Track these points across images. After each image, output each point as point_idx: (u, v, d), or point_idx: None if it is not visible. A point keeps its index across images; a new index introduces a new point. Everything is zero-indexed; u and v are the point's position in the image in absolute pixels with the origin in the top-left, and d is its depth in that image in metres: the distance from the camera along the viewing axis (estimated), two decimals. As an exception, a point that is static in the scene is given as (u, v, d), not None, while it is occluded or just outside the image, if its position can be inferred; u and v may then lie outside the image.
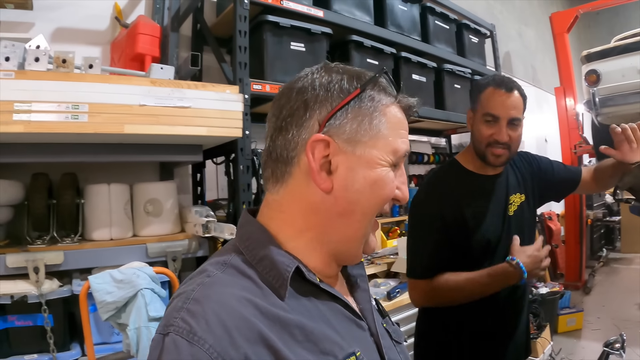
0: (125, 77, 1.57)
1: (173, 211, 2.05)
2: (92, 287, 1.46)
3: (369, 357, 0.64)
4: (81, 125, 1.45)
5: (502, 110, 1.44)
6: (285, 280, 0.60)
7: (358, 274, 0.78)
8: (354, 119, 0.64)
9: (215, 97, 1.67)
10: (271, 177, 0.68)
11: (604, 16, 7.55)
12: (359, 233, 0.67)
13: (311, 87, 0.65)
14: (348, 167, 0.64)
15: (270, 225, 0.67)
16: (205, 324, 0.52)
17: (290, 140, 0.65)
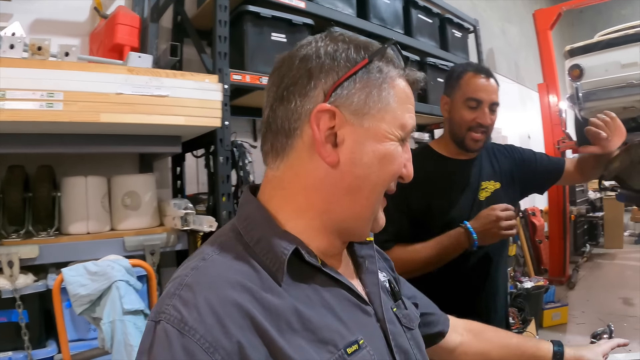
0: (102, 65, 1.54)
1: (151, 204, 2.01)
2: (66, 279, 1.42)
3: (373, 345, 0.61)
4: (56, 114, 1.42)
5: (485, 94, 1.47)
6: (282, 264, 0.57)
7: (367, 255, 0.74)
8: (362, 89, 0.61)
9: (193, 86, 1.65)
10: (270, 151, 0.65)
11: (587, 14, 7.66)
12: (366, 210, 0.64)
13: (316, 55, 0.62)
14: (355, 139, 0.60)
15: (271, 204, 0.64)
16: (197, 312, 0.50)
17: (293, 110, 0.61)
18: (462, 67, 1.58)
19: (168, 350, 0.49)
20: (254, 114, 2.62)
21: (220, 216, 1.78)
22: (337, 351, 0.56)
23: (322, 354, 0.55)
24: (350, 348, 0.57)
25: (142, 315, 1.38)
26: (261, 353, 0.51)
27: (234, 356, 0.49)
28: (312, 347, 0.54)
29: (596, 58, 3.59)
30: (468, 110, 1.49)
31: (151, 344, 0.51)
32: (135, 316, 1.34)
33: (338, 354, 0.56)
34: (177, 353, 0.49)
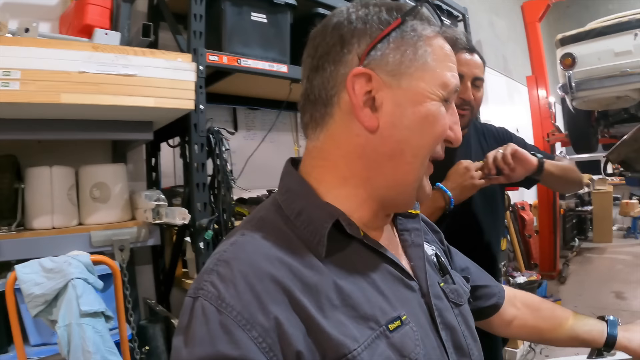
0: (64, 42, 1.40)
1: (122, 196, 1.87)
2: (19, 277, 1.28)
3: (417, 321, 0.59)
4: (12, 94, 1.29)
5: (466, 68, 1.40)
6: (323, 237, 0.57)
7: (412, 228, 0.72)
8: (396, 49, 0.59)
9: (164, 65, 1.52)
10: (310, 122, 0.64)
11: (573, 9, 7.66)
12: (410, 177, 0.61)
13: (347, 21, 0.61)
14: (394, 102, 0.59)
15: (312, 175, 0.63)
16: (234, 288, 0.50)
17: (329, 77, 0.60)
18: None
19: (206, 327, 0.49)
20: (234, 101, 2.49)
21: (195, 208, 1.65)
22: (379, 327, 0.55)
23: (363, 330, 0.54)
24: (393, 324, 0.56)
25: (103, 318, 1.23)
26: (299, 329, 0.50)
27: (271, 333, 0.49)
28: (352, 323, 0.53)
29: (589, 46, 3.51)
30: None
31: (189, 321, 0.51)
32: (95, 319, 1.19)
33: (380, 330, 0.55)
34: (215, 330, 0.49)
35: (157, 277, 2.21)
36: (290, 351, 0.49)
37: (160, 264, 2.21)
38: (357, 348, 0.52)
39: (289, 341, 0.49)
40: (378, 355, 0.53)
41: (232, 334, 0.48)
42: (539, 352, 3.29)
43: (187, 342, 0.50)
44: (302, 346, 0.50)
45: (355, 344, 0.52)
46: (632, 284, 4.44)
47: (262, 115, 2.78)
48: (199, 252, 1.66)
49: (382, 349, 0.54)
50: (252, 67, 1.84)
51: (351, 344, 0.51)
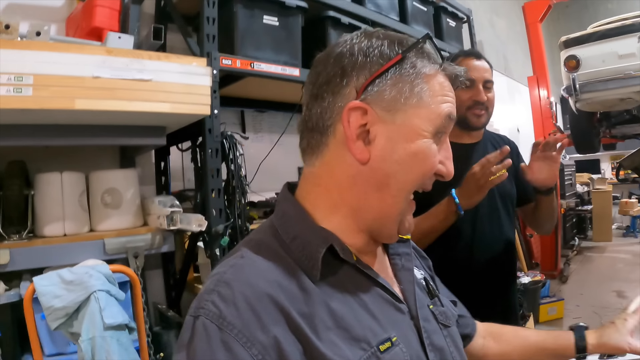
0: (77, 46, 1.37)
1: (134, 202, 1.84)
2: (38, 290, 1.25)
3: (406, 343, 0.61)
4: (25, 100, 1.26)
5: (476, 73, 1.52)
6: (317, 261, 0.58)
7: (403, 252, 0.75)
8: (393, 85, 0.60)
9: (180, 70, 1.49)
10: (307, 148, 0.66)
11: (572, 8, 7.68)
12: (393, 210, 0.63)
13: (349, 52, 0.62)
14: (387, 136, 0.60)
15: (307, 200, 0.65)
16: (235, 308, 0.52)
17: (326, 108, 0.62)
18: (454, 54, 1.66)
19: (207, 345, 0.51)
20: (243, 104, 2.47)
21: (210, 214, 1.63)
22: (370, 348, 0.56)
23: (355, 351, 0.55)
24: (383, 345, 0.57)
25: (126, 330, 1.21)
26: (296, 349, 0.52)
27: (270, 350, 0.50)
28: (345, 345, 0.55)
29: (593, 49, 3.52)
30: (463, 90, 1.49)
31: (190, 338, 0.53)
32: (118, 331, 1.17)
33: (371, 351, 0.56)
34: (216, 347, 0.50)
35: (168, 282, 2.19)
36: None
37: (170, 269, 2.19)
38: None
39: (287, 358, 0.51)
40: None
41: (232, 351, 0.50)
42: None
43: (189, 358, 0.51)
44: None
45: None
46: (633, 282, 4.46)
47: (269, 118, 2.76)
48: (214, 258, 1.65)
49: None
50: (265, 71, 1.82)
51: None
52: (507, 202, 1.58)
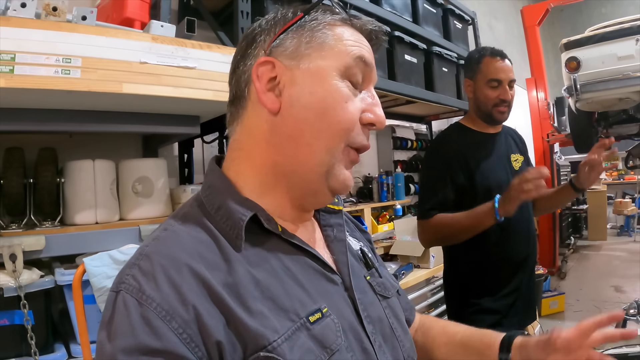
0: (122, 32, 1.39)
1: (164, 191, 1.86)
2: (89, 271, 1.25)
3: (339, 314, 0.59)
4: (73, 82, 1.26)
5: (504, 74, 1.68)
6: (240, 230, 0.57)
7: (335, 223, 0.73)
8: (295, 35, 0.62)
9: (221, 59, 1.51)
10: (230, 120, 0.67)
11: (567, 12, 7.85)
12: (311, 160, 0.60)
13: (258, 25, 0.66)
14: (293, 82, 0.61)
15: (231, 169, 0.65)
16: (154, 281, 0.51)
17: (240, 74, 0.64)
18: (479, 52, 1.78)
19: (127, 320, 0.49)
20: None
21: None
22: (299, 319, 0.55)
23: (283, 322, 0.54)
24: (313, 316, 0.56)
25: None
26: (218, 320, 0.51)
27: (191, 324, 0.49)
28: (272, 315, 0.53)
29: (593, 51, 3.64)
30: (491, 89, 1.69)
31: (111, 315, 0.52)
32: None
33: (300, 322, 0.55)
34: (136, 322, 0.49)
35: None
36: (211, 342, 0.50)
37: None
38: (277, 339, 0.52)
39: (209, 332, 0.50)
40: (299, 346, 0.53)
41: (152, 326, 0.49)
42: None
43: (110, 336, 0.50)
44: (222, 337, 0.50)
45: (275, 335, 0.52)
46: (631, 278, 4.58)
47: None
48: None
49: (302, 340, 0.54)
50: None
51: (271, 335, 0.52)
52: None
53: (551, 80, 5.73)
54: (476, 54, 1.78)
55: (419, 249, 2.54)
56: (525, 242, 1.73)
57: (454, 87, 3.28)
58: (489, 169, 1.69)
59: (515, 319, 1.69)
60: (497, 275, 1.69)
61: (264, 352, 0.51)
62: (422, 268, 2.57)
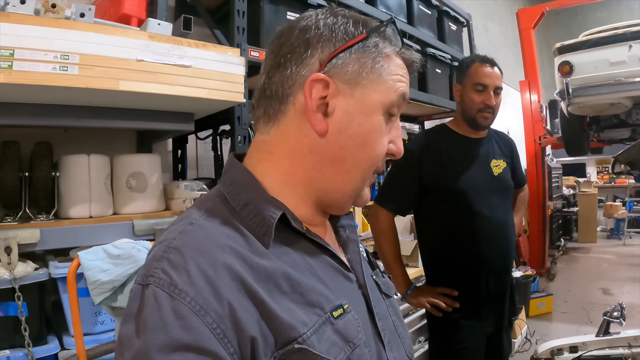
0: (120, 29, 1.40)
1: (158, 187, 1.88)
2: (83, 264, 1.28)
3: (356, 310, 0.62)
4: (71, 79, 1.28)
5: (489, 80, 1.73)
6: (270, 227, 0.58)
7: (347, 224, 0.75)
8: (356, 60, 0.61)
9: (217, 58, 1.54)
10: (263, 116, 0.65)
11: (562, 16, 7.90)
12: (347, 185, 0.64)
13: (315, 26, 0.63)
14: (345, 110, 0.61)
15: (257, 169, 0.64)
16: (187, 275, 0.50)
17: (288, 77, 0.62)
18: (470, 58, 1.84)
19: (158, 314, 0.48)
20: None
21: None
22: (324, 314, 0.57)
23: (310, 316, 0.55)
24: (336, 312, 0.58)
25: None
26: (252, 315, 0.51)
27: (225, 319, 0.49)
28: (300, 309, 0.55)
29: (586, 55, 3.69)
30: (476, 93, 1.73)
31: (139, 308, 0.50)
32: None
33: (325, 316, 0.57)
34: (168, 316, 0.48)
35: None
36: (244, 337, 0.50)
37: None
38: (306, 332, 0.53)
39: (242, 327, 0.49)
40: (325, 339, 0.55)
41: (185, 319, 0.48)
42: (534, 343, 3.42)
43: (139, 331, 0.48)
44: (256, 331, 0.50)
45: (305, 328, 0.53)
46: (618, 281, 4.65)
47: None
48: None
49: (328, 334, 0.56)
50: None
51: (301, 328, 0.53)
52: (505, 192, 1.83)
53: (545, 83, 5.78)
54: (468, 59, 1.84)
55: (408, 247, 2.57)
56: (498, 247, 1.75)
57: (447, 89, 3.31)
58: (465, 172, 1.73)
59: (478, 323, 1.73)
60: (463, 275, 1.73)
61: (296, 344, 0.52)
62: (411, 267, 2.61)
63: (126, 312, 0.52)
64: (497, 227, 1.74)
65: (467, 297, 1.71)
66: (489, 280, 1.72)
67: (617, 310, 1.68)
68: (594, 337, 1.87)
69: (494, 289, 1.74)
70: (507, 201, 1.84)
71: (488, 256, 1.72)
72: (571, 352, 1.92)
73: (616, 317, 1.72)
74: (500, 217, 1.75)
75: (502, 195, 1.80)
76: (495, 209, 1.73)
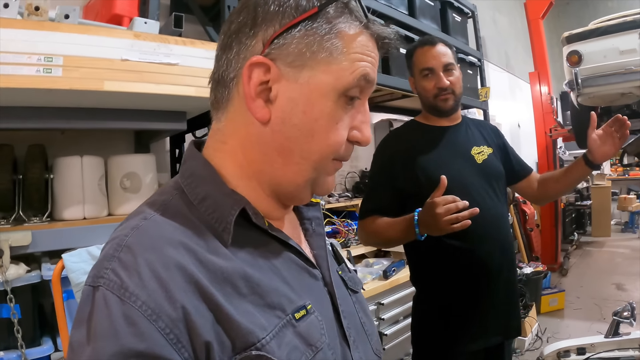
0: (105, 29, 1.39)
1: (152, 187, 1.87)
2: (67, 266, 1.26)
3: (320, 309, 0.59)
4: (55, 81, 1.27)
5: (434, 61, 1.57)
6: (229, 224, 0.54)
7: (313, 217, 0.71)
8: (301, 39, 0.54)
9: (204, 55, 1.51)
10: (214, 102, 0.61)
11: (573, 6, 7.74)
12: (298, 178, 0.59)
13: (264, 1, 0.56)
14: (289, 97, 0.55)
15: (214, 159, 0.60)
16: (138, 277, 0.47)
17: (231, 60, 0.57)
18: (411, 46, 1.68)
19: (108, 320, 0.45)
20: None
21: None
22: (285, 316, 0.54)
23: (270, 319, 0.52)
24: (299, 313, 0.55)
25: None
26: (207, 319, 0.48)
27: (178, 323, 0.46)
28: (259, 312, 0.52)
29: (594, 44, 3.57)
30: (426, 80, 1.60)
31: (90, 313, 0.47)
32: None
33: (286, 319, 0.54)
34: (118, 322, 0.45)
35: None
36: (199, 342, 0.47)
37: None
38: (265, 337, 0.50)
39: (197, 332, 0.47)
40: (285, 344, 0.52)
41: (137, 326, 0.45)
42: (545, 341, 3.35)
43: (90, 338, 0.46)
44: (211, 336, 0.48)
45: (263, 333, 0.50)
46: (632, 276, 4.54)
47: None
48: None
49: (289, 337, 0.53)
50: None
51: (260, 333, 0.50)
52: (494, 181, 1.60)
53: (556, 75, 5.66)
54: (410, 48, 1.68)
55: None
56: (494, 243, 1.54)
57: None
58: (441, 163, 1.55)
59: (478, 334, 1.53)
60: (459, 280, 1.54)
61: (254, 350, 0.49)
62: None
63: (77, 315, 0.49)
64: (490, 220, 1.51)
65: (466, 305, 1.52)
66: (489, 283, 1.53)
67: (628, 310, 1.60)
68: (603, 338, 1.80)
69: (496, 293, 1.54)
70: (499, 191, 1.62)
71: (484, 255, 1.51)
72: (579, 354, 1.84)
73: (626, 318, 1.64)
74: (492, 208, 1.54)
75: (491, 184, 1.59)
76: (485, 200, 1.53)
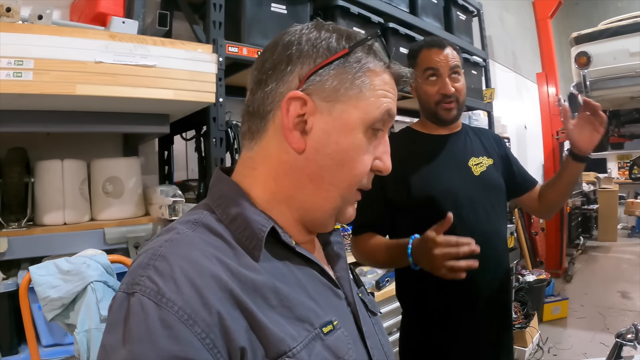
0: (80, 31, 1.33)
1: (136, 191, 1.81)
2: (34, 279, 1.22)
3: (345, 327, 0.61)
4: (25, 85, 1.21)
5: (441, 63, 1.44)
6: (260, 241, 0.58)
7: (335, 241, 0.75)
8: (335, 77, 0.61)
9: (185, 56, 1.44)
10: (247, 133, 0.66)
11: (582, 6, 7.58)
12: (326, 204, 0.64)
13: (297, 42, 0.62)
14: (323, 128, 0.61)
15: (243, 183, 0.64)
16: (174, 283, 0.49)
17: (268, 93, 0.62)
18: (416, 45, 1.55)
19: (145, 323, 0.47)
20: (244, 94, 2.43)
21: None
22: (314, 330, 0.56)
23: (300, 331, 0.54)
24: (326, 328, 0.57)
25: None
26: (241, 325, 0.50)
27: (214, 328, 0.48)
28: (289, 324, 0.54)
29: (604, 46, 3.46)
30: (429, 83, 1.46)
31: (125, 317, 0.48)
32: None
33: (315, 332, 0.56)
34: (155, 326, 0.46)
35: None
36: (234, 348, 0.49)
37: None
38: (296, 346, 0.53)
39: (232, 337, 0.49)
40: (315, 355, 0.54)
41: (173, 330, 0.47)
42: (546, 351, 3.27)
43: (125, 340, 0.47)
44: (245, 342, 0.50)
45: (294, 342, 0.53)
46: (638, 283, 4.43)
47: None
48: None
49: (318, 349, 0.55)
50: (272, 60, 1.78)
51: (291, 342, 0.52)
52: (492, 195, 1.49)
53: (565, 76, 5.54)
54: (414, 47, 1.54)
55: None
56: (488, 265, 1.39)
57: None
58: (433, 175, 1.45)
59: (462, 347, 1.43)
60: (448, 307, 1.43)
61: (286, 357, 0.51)
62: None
63: (110, 320, 0.50)
64: (485, 238, 1.34)
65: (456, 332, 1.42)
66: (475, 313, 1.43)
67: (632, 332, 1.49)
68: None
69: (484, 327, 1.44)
70: (497, 205, 1.50)
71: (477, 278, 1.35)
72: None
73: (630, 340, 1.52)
74: (487, 226, 1.44)
75: (488, 197, 1.47)
76: (477, 215, 1.43)
